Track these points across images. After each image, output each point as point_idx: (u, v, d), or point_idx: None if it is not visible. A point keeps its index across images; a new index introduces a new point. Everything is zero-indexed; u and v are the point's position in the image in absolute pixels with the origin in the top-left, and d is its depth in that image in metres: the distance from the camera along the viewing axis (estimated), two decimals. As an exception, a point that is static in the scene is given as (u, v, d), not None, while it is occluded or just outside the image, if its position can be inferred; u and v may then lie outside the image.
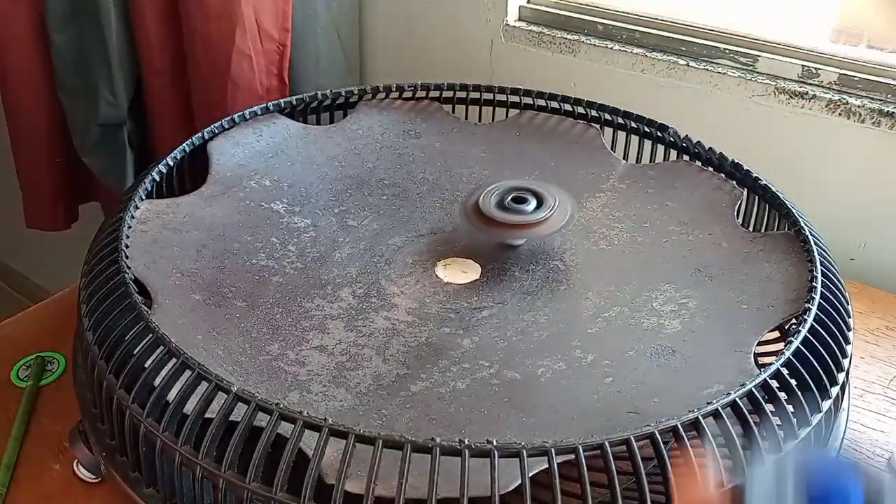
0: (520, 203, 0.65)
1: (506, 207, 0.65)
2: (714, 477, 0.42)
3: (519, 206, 0.65)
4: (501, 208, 0.65)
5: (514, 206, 0.65)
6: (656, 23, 0.92)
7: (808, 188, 0.84)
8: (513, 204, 0.65)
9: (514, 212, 0.65)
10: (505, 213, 0.65)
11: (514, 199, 0.66)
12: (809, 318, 0.52)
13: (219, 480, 0.42)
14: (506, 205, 0.65)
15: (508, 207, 0.65)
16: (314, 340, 0.59)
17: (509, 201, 0.65)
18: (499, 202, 0.66)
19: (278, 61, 0.99)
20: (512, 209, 0.65)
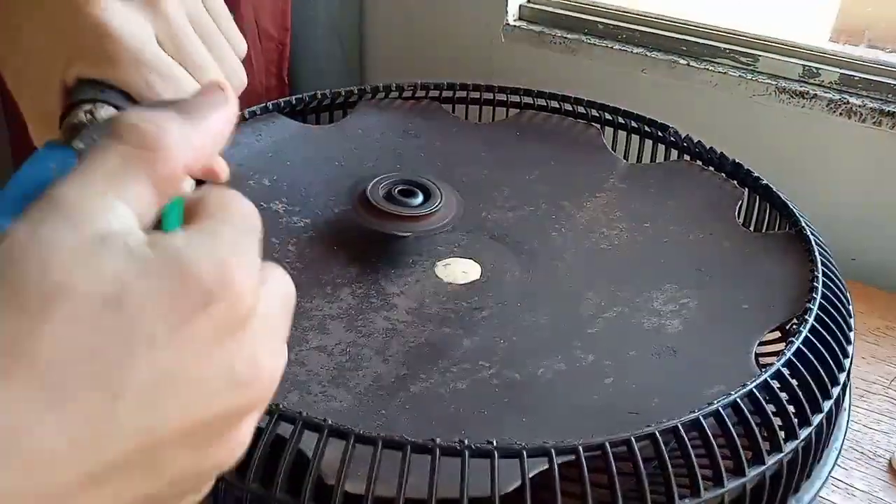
0: (407, 196, 0.66)
1: (393, 199, 0.65)
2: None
3: (405, 199, 0.65)
4: (389, 199, 0.65)
5: (401, 199, 0.65)
6: (656, 22, 0.92)
7: (809, 188, 0.84)
8: (400, 196, 0.65)
9: (399, 204, 0.65)
10: (391, 205, 0.65)
11: (402, 192, 0.66)
12: (810, 319, 0.52)
13: (218, 481, 0.42)
14: (393, 196, 0.65)
15: (395, 199, 0.65)
16: (314, 340, 0.59)
17: (397, 193, 0.66)
18: (387, 193, 0.66)
19: (278, 61, 0.99)
20: (398, 201, 0.65)
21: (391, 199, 0.65)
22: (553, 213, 0.73)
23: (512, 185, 0.76)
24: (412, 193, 0.66)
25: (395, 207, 0.65)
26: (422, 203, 0.66)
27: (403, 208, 0.65)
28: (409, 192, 0.66)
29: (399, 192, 0.66)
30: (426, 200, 0.66)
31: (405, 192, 0.66)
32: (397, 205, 0.65)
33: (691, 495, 0.42)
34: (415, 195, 0.66)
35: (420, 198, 0.66)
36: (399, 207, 0.65)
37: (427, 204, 0.66)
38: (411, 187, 0.67)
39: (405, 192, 0.66)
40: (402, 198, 0.66)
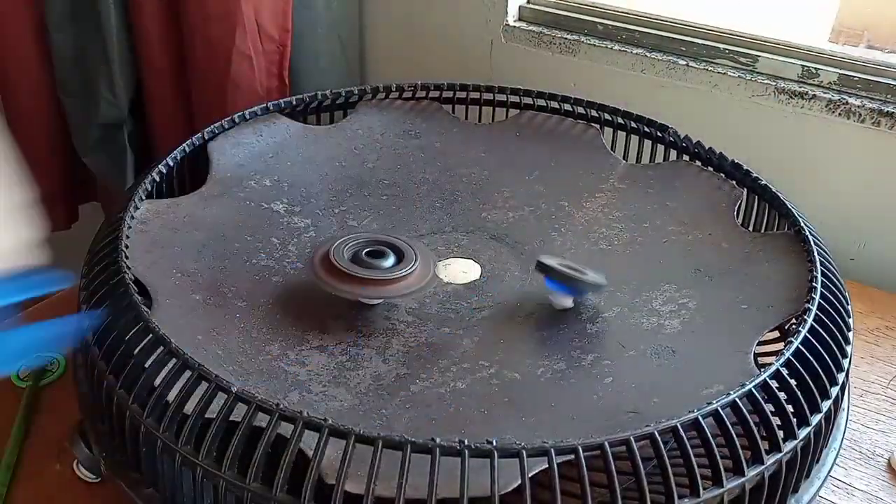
0: (377, 258, 0.60)
1: (361, 262, 0.59)
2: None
3: (375, 261, 0.60)
4: (356, 262, 0.59)
5: (370, 262, 0.59)
6: (656, 23, 0.92)
7: (808, 188, 0.84)
8: (368, 259, 0.60)
9: (369, 267, 0.59)
10: (359, 268, 0.59)
11: (370, 254, 0.60)
12: (809, 319, 0.52)
13: (219, 481, 0.42)
14: (361, 258, 0.59)
15: (363, 262, 0.59)
16: (314, 340, 0.59)
17: (365, 255, 0.60)
18: (353, 255, 0.60)
19: (278, 61, 0.99)
20: (367, 264, 0.59)
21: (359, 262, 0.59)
22: (553, 213, 0.73)
23: (512, 186, 0.76)
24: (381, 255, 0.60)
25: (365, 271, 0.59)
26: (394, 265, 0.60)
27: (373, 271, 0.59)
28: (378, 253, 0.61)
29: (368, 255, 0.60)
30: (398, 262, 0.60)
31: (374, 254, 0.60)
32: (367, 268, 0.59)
33: (690, 495, 0.42)
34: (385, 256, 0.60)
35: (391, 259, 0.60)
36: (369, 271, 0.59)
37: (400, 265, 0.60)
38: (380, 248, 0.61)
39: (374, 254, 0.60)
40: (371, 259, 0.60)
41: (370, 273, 0.59)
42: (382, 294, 0.59)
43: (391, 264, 0.60)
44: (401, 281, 0.59)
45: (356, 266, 0.59)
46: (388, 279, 0.59)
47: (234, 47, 0.94)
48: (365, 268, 0.59)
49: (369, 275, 0.59)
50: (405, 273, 0.59)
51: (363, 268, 0.59)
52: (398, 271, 0.59)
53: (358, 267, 0.59)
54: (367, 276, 0.58)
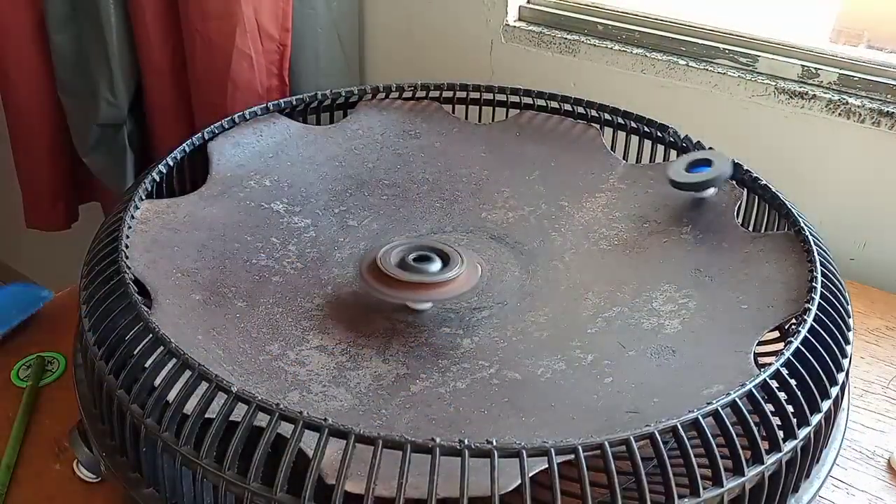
0: (423, 262, 0.61)
1: (408, 267, 0.60)
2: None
3: (422, 266, 0.60)
4: (403, 267, 0.60)
5: (417, 266, 0.60)
6: (656, 23, 0.92)
7: (808, 188, 0.84)
8: (415, 263, 0.60)
9: (416, 271, 0.60)
10: (407, 273, 0.59)
11: (417, 259, 0.61)
12: (809, 319, 0.52)
13: (219, 481, 0.42)
14: (408, 263, 0.60)
15: (411, 267, 0.60)
16: (314, 340, 0.59)
17: (412, 260, 0.61)
18: (400, 261, 0.60)
19: (278, 61, 0.99)
20: (414, 269, 0.60)
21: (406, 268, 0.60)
22: (553, 213, 0.73)
23: (512, 185, 0.76)
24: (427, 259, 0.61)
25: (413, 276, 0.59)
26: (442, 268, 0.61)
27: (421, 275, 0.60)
28: (424, 258, 0.61)
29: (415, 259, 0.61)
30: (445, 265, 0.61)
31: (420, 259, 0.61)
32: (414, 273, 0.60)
33: (690, 495, 0.42)
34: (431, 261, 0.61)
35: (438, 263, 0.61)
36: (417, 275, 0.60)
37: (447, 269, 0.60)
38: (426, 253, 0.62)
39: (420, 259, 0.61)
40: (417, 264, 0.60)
41: (419, 277, 0.60)
42: (431, 297, 0.60)
43: (438, 268, 0.61)
44: (449, 284, 0.60)
45: (404, 271, 0.60)
46: (437, 282, 0.60)
47: (234, 47, 0.94)
48: (413, 272, 0.60)
49: (418, 279, 0.59)
50: (453, 276, 0.60)
51: (411, 272, 0.60)
52: (446, 274, 0.60)
53: (406, 272, 0.60)
54: (415, 281, 0.59)
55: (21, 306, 0.71)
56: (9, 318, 0.69)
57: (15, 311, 0.70)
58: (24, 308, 0.71)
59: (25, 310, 0.71)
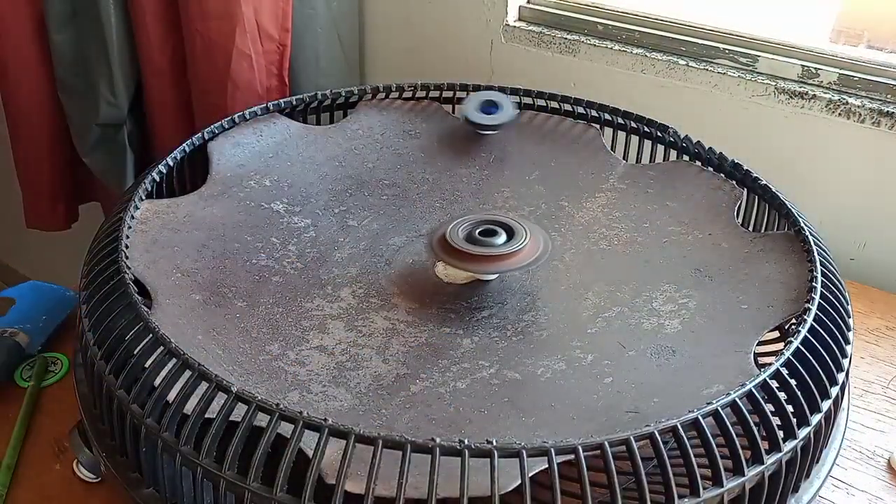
0: (489, 236, 0.63)
1: (475, 240, 0.63)
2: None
3: (488, 239, 0.63)
4: (471, 241, 0.63)
5: (484, 239, 0.63)
6: (656, 23, 0.92)
7: (808, 188, 0.84)
8: (482, 237, 0.63)
9: (483, 245, 0.63)
10: (474, 246, 0.62)
11: (483, 233, 0.64)
12: (809, 319, 0.52)
13: (219, 481, 0.42)
14: (475, 237, 0.63)
15: (478, 240, 0.63)
16: (314, 340, 0.59)
17: (478, 234, 0.63)
18: (467, 235, 0.63)
19: (278, 61, 0.99)
20: (481, 242, 0.63)
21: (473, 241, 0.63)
22: (553, 213, 0.73)
23: (512, 185, 0.76)
24: (493, 233, 0.64)
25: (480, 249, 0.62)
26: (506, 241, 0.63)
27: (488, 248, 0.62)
28: (490, 231, 0.64)
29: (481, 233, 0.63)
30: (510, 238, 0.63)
31: (487, 233, 0.64)
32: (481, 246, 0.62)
33: (690, 495, 0.42)
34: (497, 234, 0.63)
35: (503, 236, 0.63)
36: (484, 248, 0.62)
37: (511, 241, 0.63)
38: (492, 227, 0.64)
39: (487, 233, 0.64)
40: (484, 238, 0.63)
41: (486, 250, 0.63)
42: (499, 269, 0.63)
43: (503, 241, 0.63)
44: (515, 255, 0.63)
45: (471, 245, 0.63)
46: (503, 254, 0.63)
47: (234, 47, 0.94)
48: (480, 246, 0.63)
49: (485, 252, 0.63)
50: (518, 248, 0.63)
51: (479, 246, 0.63)
52: (511, 247, 0.63)
53: (473, 245, 0.63)
54: (482, 254, 0.62)
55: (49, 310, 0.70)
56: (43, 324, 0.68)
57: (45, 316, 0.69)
58: (54, 313, 0.70)
59: (57, 315, 0.70)
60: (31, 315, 0.69)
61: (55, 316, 0.70)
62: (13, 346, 0.65)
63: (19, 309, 0.70)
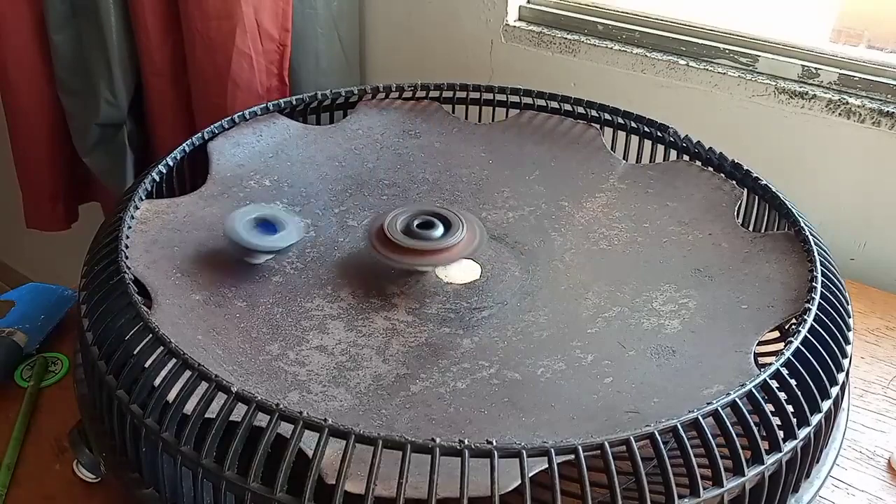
0: (427, 228, 0.64)
1: (412, 233, 0.63)
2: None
3: (426, 232, 0.63)
4: (408, 234, 0.63)
5: (421, 232, 0.63)
6: (656, 23, 0.92)
7: (808, 188, 0.84)
8: (419, 230, 0.64)
9: (420, 238, 0.63)
10: (411, 240, 0.63)
11: (421, 225, 0.64)
12: (809, 319, 0.52)
13: (220, 481, 0.42)
14: (412, 230, 0.63)
15: (415, 233, 0.63)
16: (314, 340, 0.59)
17: (416, 226, 0.64)
18: (405, 227, 0.64)
19: (278, 61, 0.99)
20: (418, 235, 0.63)
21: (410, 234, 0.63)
22: (553, 213, 0.73)
23: (512, 185, 0.76)
24: (431, 225, 0.64)
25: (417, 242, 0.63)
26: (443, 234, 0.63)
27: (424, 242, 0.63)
28: (428, 224, 0.64)
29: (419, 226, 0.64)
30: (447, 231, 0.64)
31: (424, 225, 0.64)
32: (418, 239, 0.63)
33: (690, 495, 0.42)
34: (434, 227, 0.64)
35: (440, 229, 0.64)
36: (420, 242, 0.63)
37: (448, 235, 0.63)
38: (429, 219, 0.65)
39: (424, 225, 0.64)
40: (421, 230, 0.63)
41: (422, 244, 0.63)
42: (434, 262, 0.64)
43: (440, 234, 0.64)
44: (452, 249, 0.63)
45: (409, 238, 0.63)
46: (440, 248, 0.63)
47: (234, 47, 0.95)
48: (417, 239, 0.63)
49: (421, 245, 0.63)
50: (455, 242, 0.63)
51: (415, 239, 0.63)
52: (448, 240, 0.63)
53: (411, 238, 0.63)
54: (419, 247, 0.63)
55: (47, 309, 0.70)
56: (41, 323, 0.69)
57: (44, 315, 0.70)
58: (52, 312, 0.70)
59: (55, 314, 0.70)
60: (29, 315, 0.69)
61: (53, 314, 0.70)
62: (11, 345, 0.65)
63: (18, 310, 0.70)
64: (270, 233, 0.62)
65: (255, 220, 0.62)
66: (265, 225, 0.62)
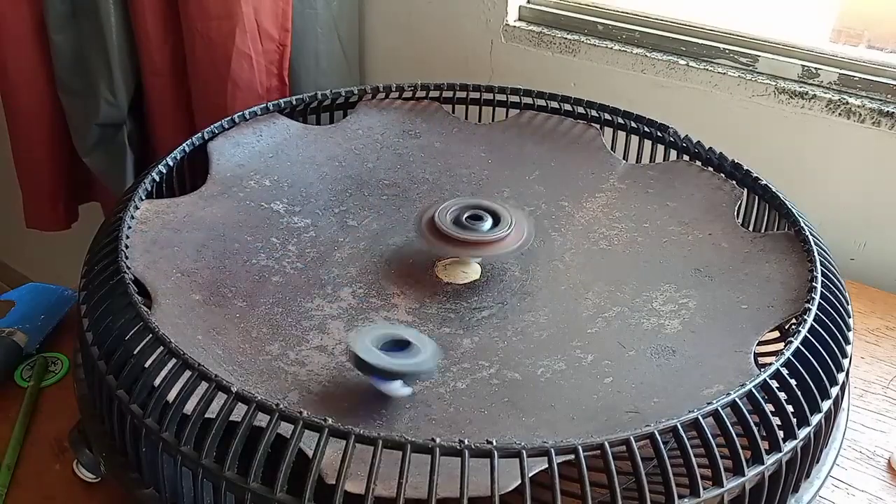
0: (476, 221, 0.65)
1: (462, 225, 0.64)
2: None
3: (475, 224, 0.64)
4: (458, 225, 0.64)
5: (471, 224, 0.64)
6: (656, 23, 0.92)
7: (808, 188, 0.84)
8: (469, 222, 0.64)
9: (470, 229, 0.64)
10: (461, 231, 0.64)
11: (471, 217, 0.65)
12: (809, 319, 0.52)
13: (220, 481, 0.42)
14: (462, 222, 0.64)
15: (465, 225, 0.64)
16: (314, 340, 0.59)
17: (466, 219, 0.65)
18: (455, 219, 0.65)
19: (278, 61, 0.99)
20: (468, 227, 0.64)
21: (460, 226, 0.64)
22: (553, 213, 0.73)
23: (512, 185, 0.76)
24: (480, 218, 0.65)
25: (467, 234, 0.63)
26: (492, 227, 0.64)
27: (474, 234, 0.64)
28: (477, 216, 0.65)
29: (469, 218, 0.65)
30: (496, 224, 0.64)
31: (474, 217, 0.65)
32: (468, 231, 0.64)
33: (690, 495, 0.42)
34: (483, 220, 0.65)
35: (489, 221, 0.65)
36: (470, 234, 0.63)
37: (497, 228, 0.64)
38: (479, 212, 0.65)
39: (474, 217, 0.65)
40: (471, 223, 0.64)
41: (471, 235, 0.64)
42: (484, 253, 0.65)
43: (489, 226, 0.65)
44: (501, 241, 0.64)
45: (459, 229, 0.64)
46: (489, 240, 0.64)
47: (234, 47, 0.95)
48: (467, 230, 0.64)
49: (470, 237, 0.64)
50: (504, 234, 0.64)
51: (465, 230, 0.64)
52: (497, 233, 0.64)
53: (461, 230, 0.64)
54: (468, 238, 0.64)
55: (47, 309, 0.70)
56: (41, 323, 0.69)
57: (44, 315, 0.70)
58: (52, 312, 0.70)
59: (55, 314, 0.70)
60: (29, 315, 0.69)
61: (53, 314, 0.70)
62: (11, 345, 0.65)
63: (18, 310, 0.70)
64: (402, 354, 0.52)
65: (382, 339, 0.53)
66: (393, 348, 0.53)
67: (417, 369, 0.51)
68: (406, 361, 0.51)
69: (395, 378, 0.51)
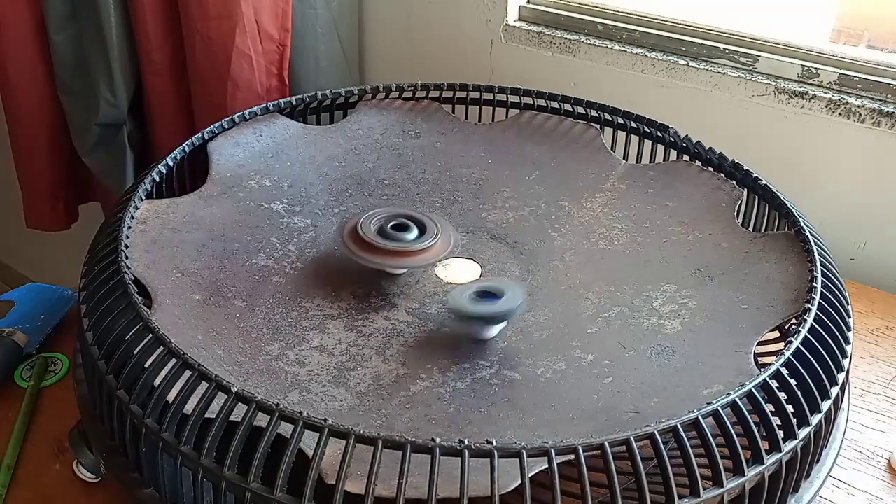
0: (401, 230, 0.64)
1: (386, 234, 0.63)
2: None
3: (400, 234, 0.64)
4: (382, 235, 0.63)
5: (395, 234, 0.64)
6: (656, 23, 0.92)
7: (808, 188, 0.84)
8: (393, 231, 0.64)
9: (394, 239, 0.63)
10: (385, 241, 0.63)
11: (395, 227, 0.64)
12: (809, 319, 0.52)
13: (220, 481, 0.42)
14: (386, 232, 0.64)
15: (389, 235, 0.63)
16: (314, 340, 0.59)
17: (390, 228, 0.64)
18: (379, 229, 0.64)
19: (278, 61, 0.99)
20: (392, 237, 0.63)
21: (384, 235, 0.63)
22: (553, 213, 0.73)
23: (512, 185, 0.76)
24: (406, 227, 0.64)
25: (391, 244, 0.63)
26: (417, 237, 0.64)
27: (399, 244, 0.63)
28: (402, 226, 0.64)
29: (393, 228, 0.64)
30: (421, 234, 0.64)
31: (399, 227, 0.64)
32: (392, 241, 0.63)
33: (690, 495, 0.42)
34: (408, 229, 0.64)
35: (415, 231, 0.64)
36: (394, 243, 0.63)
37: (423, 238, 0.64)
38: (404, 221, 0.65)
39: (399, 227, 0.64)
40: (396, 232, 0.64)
41: (396, 245, 0.63)
42: (407, 265, 0.64)
43: (414, 237, 0.64)
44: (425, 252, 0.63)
45: (382, 238, 0.63)
46: (413, 251, 0.63)
47: (234, 47, 0.95)
48: (390, 240, 0.63)
49: (395, 247, 0.63)
50: (429, 245, 0.63)
51: (389, 240, 0.63)
52: (422, 243, 0.64)
53: (384, 239, 0.63)
54: (392, 248, 0.63)
55: (47, 309, 0.70)
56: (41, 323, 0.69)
57: (44, 315, 0.70)
58: (52, 312, 0.70)
59: (55, 314, 0.70)
60: (29, 315, 0.69)
61: (53, 314, 0.70)
62: (11, 345, 0.65)
63: (18, 310, 0.70)
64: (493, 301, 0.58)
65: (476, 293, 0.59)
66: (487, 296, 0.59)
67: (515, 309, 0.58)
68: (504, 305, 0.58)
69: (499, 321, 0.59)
